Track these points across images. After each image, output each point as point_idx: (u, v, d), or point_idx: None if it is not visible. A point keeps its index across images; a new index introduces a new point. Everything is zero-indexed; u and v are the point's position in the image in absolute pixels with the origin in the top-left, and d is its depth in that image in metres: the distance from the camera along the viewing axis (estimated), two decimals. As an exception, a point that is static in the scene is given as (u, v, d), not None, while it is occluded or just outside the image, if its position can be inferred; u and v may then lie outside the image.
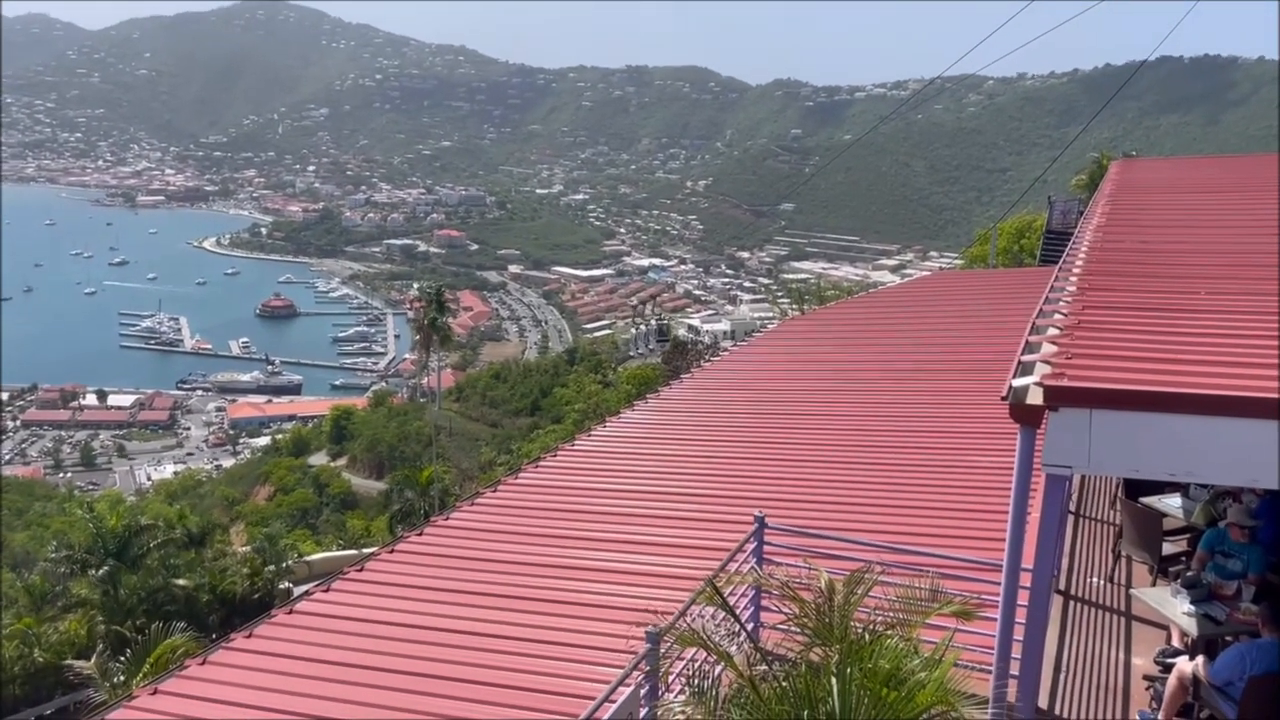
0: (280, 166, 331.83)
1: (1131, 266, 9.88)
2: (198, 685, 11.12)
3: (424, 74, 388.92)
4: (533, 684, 10.18)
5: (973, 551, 9.75)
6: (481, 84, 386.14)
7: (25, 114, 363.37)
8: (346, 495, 77.13)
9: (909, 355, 22.07)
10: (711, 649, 6.50)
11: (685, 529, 13.81)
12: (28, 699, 24.49)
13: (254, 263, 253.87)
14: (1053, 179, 79.49)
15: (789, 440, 17.43)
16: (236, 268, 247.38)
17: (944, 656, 6.19)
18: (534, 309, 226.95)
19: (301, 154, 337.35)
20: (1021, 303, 20.71)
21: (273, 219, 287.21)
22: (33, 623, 25.99)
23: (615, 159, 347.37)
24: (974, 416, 16.82)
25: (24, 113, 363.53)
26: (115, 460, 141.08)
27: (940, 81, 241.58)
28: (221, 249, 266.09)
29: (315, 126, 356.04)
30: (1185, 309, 8.02)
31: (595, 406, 56.46)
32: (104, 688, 17.94)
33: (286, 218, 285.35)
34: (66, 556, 28.57)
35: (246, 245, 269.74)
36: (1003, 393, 6.37)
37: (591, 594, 12.05)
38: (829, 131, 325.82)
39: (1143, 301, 8.36)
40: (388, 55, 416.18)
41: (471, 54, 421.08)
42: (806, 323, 30.68)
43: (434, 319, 52.59)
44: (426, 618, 11.89)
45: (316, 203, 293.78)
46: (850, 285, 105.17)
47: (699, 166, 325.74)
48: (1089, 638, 9.92)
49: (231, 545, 43.96)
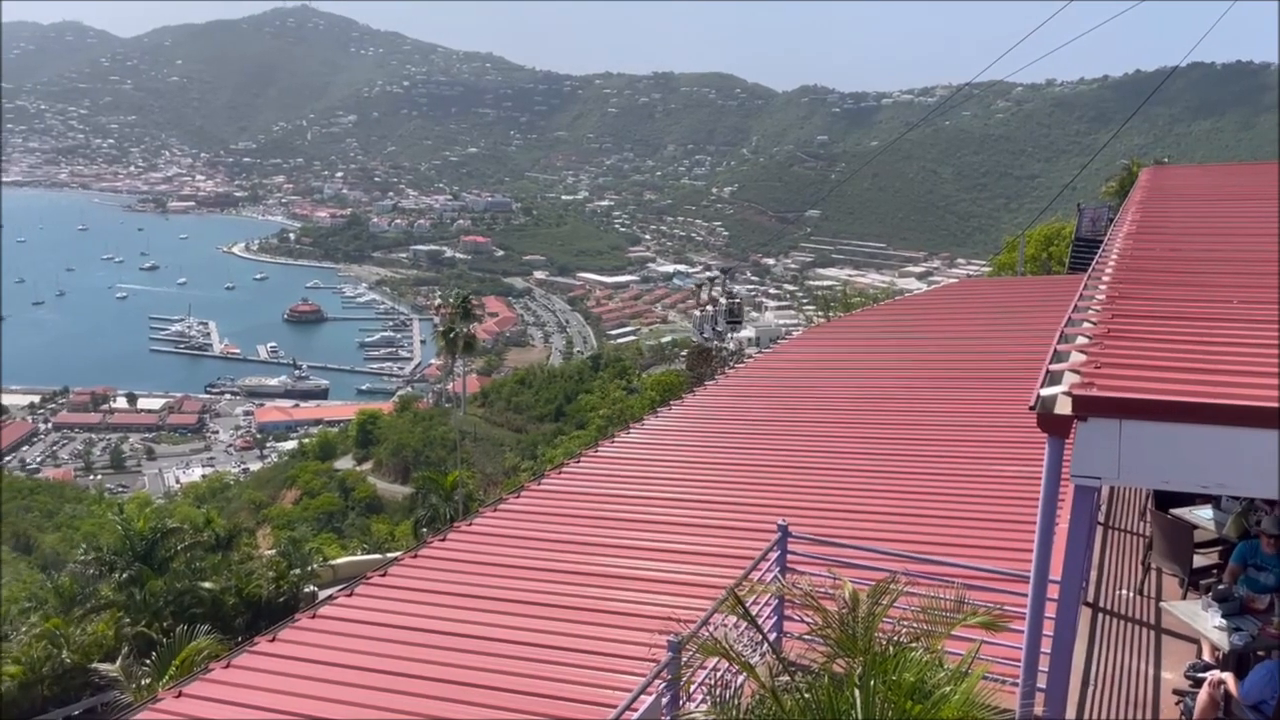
0: (309, 172, 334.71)
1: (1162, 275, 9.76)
2: (222, 688, 11.19)
3: (451, 81, 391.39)
4: (554, 691, 10.16)
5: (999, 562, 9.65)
6: (508, 90, 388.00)
7: (59, 120, 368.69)
8: (371, 499, 77.51)
9: (935, 363, 21.91)
10: (733, 658, 6.44)
11: (707, 536, 13.76)
12: (55, 699, 24.70)
13: (282, 268, 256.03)
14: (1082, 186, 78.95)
15: (813, 448, 17.33)
16: (265, 273, 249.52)
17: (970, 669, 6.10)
18: (559, 315, 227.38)
19: (330, 160, 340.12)
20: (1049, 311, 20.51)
21: (301, 224, 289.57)
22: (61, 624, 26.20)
23: (641, 165, 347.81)
24: (1001, 426, 16.66)
25: (58, 119, 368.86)
26: (144, 463, 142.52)
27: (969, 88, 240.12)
28: (250, 254, 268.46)
29: (344, 133, 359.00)
30: (1217, 318, 7.90)
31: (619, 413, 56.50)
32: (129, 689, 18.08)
33: (314, 223, 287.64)
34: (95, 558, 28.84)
35: (275, 250, 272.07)
36: (1031, 402, 6.29)
37: (613, 601, 12.02)
38: (856, 138, 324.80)
39: (1174, 310, 8.24)
40: (416, 62, 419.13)
41: (499, 61, 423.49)
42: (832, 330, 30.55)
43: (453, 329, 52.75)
44: (449, 623, 11.91)
45: (344, 208, 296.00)
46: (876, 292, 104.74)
47: (724, 173, 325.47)
48: (1118, 651, 9.77)
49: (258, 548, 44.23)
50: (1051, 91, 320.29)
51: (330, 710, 10.32)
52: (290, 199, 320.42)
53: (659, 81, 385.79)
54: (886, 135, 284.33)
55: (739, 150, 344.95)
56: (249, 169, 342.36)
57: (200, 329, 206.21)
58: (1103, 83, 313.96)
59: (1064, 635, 6.81)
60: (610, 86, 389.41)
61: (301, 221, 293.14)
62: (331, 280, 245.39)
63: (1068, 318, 8.11)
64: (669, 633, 7.44)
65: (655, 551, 13.40)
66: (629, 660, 10.35)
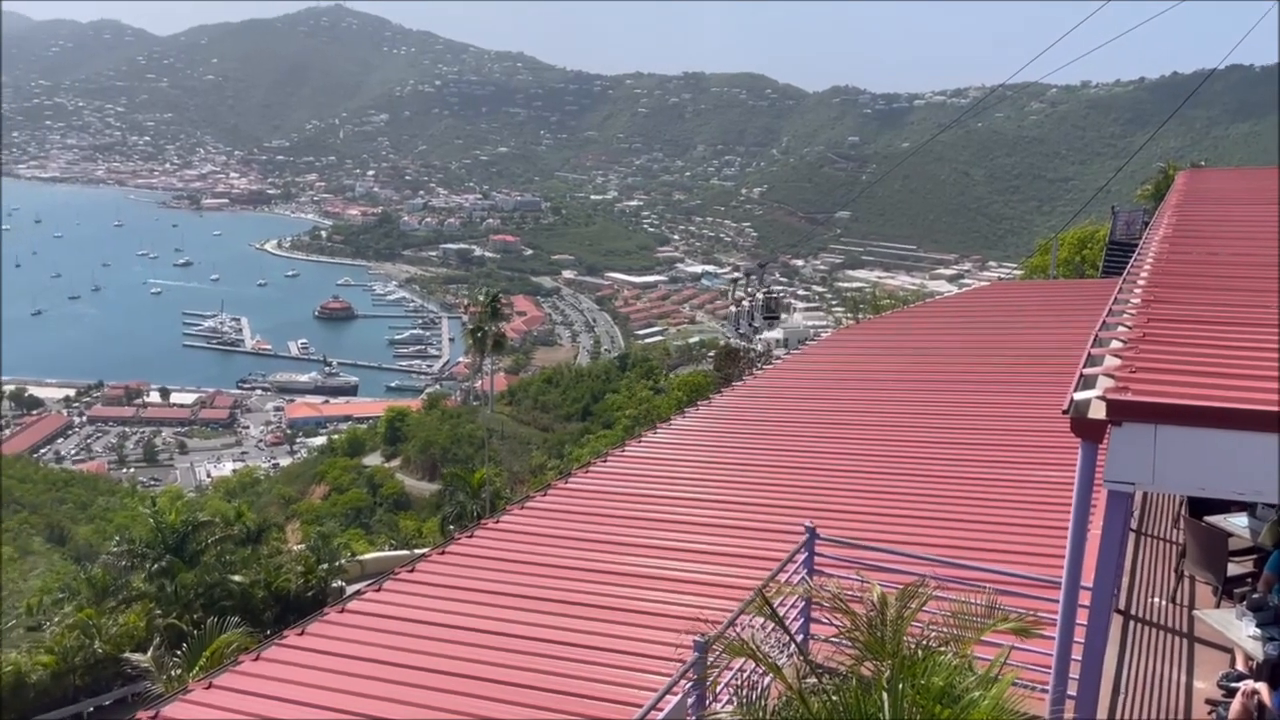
0: (341, 171, 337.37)
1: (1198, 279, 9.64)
2: (251, 680, 11.31)
3: (482, 80, 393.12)
4: (580, 689, 10.18)
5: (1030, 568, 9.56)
6: (539, 90, 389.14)
7: (96, 118, 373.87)
8: (399, 496, 78.03)
9: (966, 366, 21.76)
10: (760, 660, 6.43)
11: (734, 537, 13.74)
12: (88, 689, 25.06)
13: (313, 265, 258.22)
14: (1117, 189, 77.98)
15: (841, 450, 17.26)
16: (296, 270, 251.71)
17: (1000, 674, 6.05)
18: (587, 314, 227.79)
19: (361, 159, 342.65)
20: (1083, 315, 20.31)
21: (332, 222, 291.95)
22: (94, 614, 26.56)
23: (670, 165, 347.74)
24: (1033, 430, 16.53)
25: (95, 116, 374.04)
26: (176, 457, 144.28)
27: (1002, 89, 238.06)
28: (282, 251, 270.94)
29: (375, 131, 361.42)
30: (1254, 323, 7.80)
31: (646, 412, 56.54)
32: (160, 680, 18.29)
33: (346, 221, 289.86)
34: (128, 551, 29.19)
35: (307, 248, 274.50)
36: (1064, 406, 6.23)
37: (639, 600, 12.03)
38: (887, 139, 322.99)
39: (1210, 315, 8.14)
40: (447, 62, 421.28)
41: (530, 60, 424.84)
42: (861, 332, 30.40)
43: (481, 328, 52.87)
44: (475, 619, 11.96)
45: (375, 207, 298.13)
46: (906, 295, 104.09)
47: (754, 173, 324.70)
48: (1150, 659, 9.66)
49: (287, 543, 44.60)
50: (1086, 93, 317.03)
51: (358, 704, 10.40)
52: (322, 197, 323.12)
53: (689, 82, 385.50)
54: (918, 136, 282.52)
55: (769, 151, 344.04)
56: (282, 167, 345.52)
57: (232, 325, 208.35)
58: (1139, 84, 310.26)
59: (1095, 642, 6.73)
60: (641, 86, 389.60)
61: (333, 219, 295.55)
62: (362, 278, 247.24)
63: (1102, 321, 8.02)
64: (695, 633, 7.44)
65: (681, 552, 13.40)
66: (654, 660, 10.35)
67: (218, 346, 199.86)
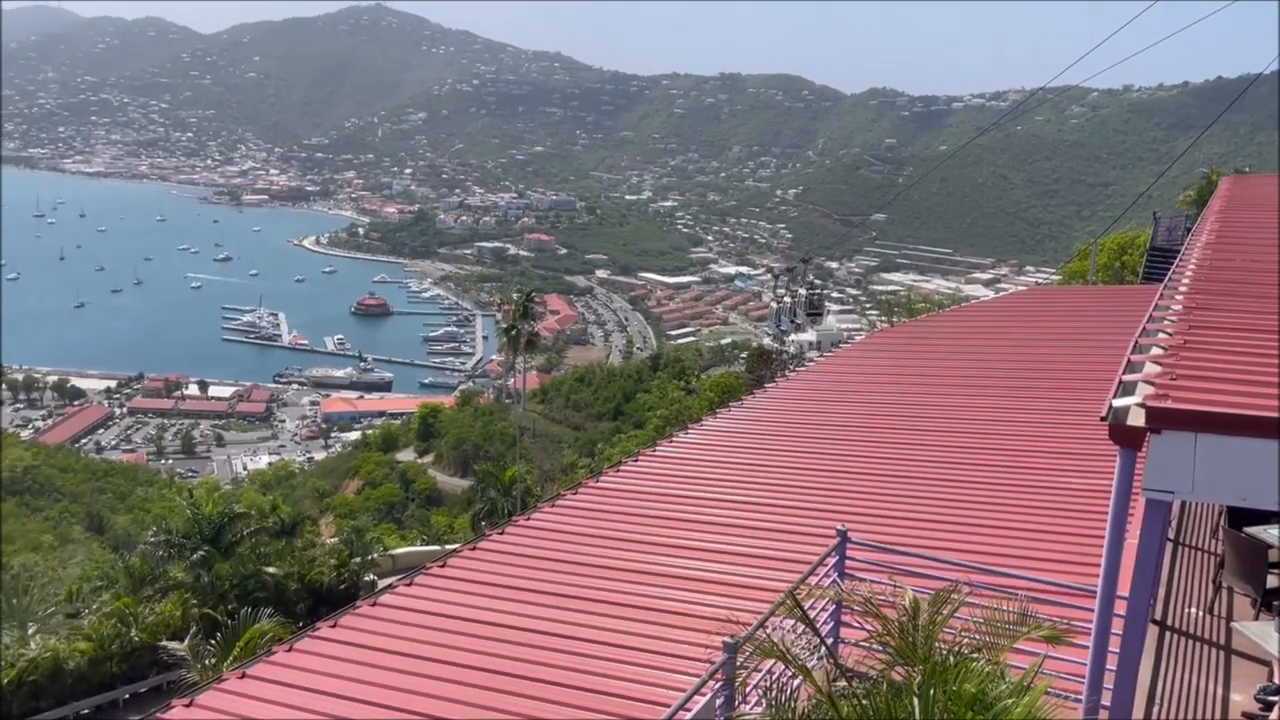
0: (379, 169, 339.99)
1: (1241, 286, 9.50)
2: (284, 671, 11.45)
3: (520, 80, 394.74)
4: (608, 688, 10.21)
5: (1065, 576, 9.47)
6: (575, 90, 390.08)
7: (140, 114, 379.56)
8: (431, 491, 78.51)
9: (1002, 371, 21.56)
10: (790, 662, 6.41)
11: (764, 539, 13.71)
12: (124, 676, 25.41)
13: (351, 262, 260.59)
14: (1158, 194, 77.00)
15: (874, 454, 17.18)
16: (334, 266, 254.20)
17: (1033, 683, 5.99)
18: (619, 314, 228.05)
19: (399, 157, 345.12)
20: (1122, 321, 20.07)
21: (370, 220, 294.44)
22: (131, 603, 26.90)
23: (705, 166, 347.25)
24: (1069, 437, 16.35)
25: (139, 112, 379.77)
26: (214, 449, 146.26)
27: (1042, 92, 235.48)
28: (320, 248, 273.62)
29: (413, 130, 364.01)
30: (1298, 331, 7.66)
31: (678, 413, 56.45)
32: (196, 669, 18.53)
33: (383, 219, 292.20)
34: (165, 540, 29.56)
35: (344, 245, 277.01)
36: (1102, 413, 6.16)
37: (668, 600, 12.04)
38: (925, 141, 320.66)
39: (1252, 323, 8.01)
40: (485, 61, 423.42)
41: (567, 60, 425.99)
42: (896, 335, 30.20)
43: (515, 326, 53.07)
44: (505, 616, 12.03)
45: (412, 204, 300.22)
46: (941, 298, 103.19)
47: (790, 175, 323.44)
48: (1185, 671, 9.53)
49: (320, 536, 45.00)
50: (1129, 97, 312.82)
51: (389, 697, 10.50)
52: (360, 194, 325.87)
53: (726, 82, 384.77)
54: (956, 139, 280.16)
55: (805, 152, 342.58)
56: (321, 164, 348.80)
57: (270, 320, 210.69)
58: (1183, 89, 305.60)
59: (1130, 652, 6.65)
60: (677, 87, 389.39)
61: (370, 216, 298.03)
62: (398, 275, 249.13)
63: (1142, 328, 7.93)
64: (725, 634, 7.43)
65: (711, 552, 13.40)
66: (683, 660, 10.36)
67: (255, 341, 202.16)
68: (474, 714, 9.99)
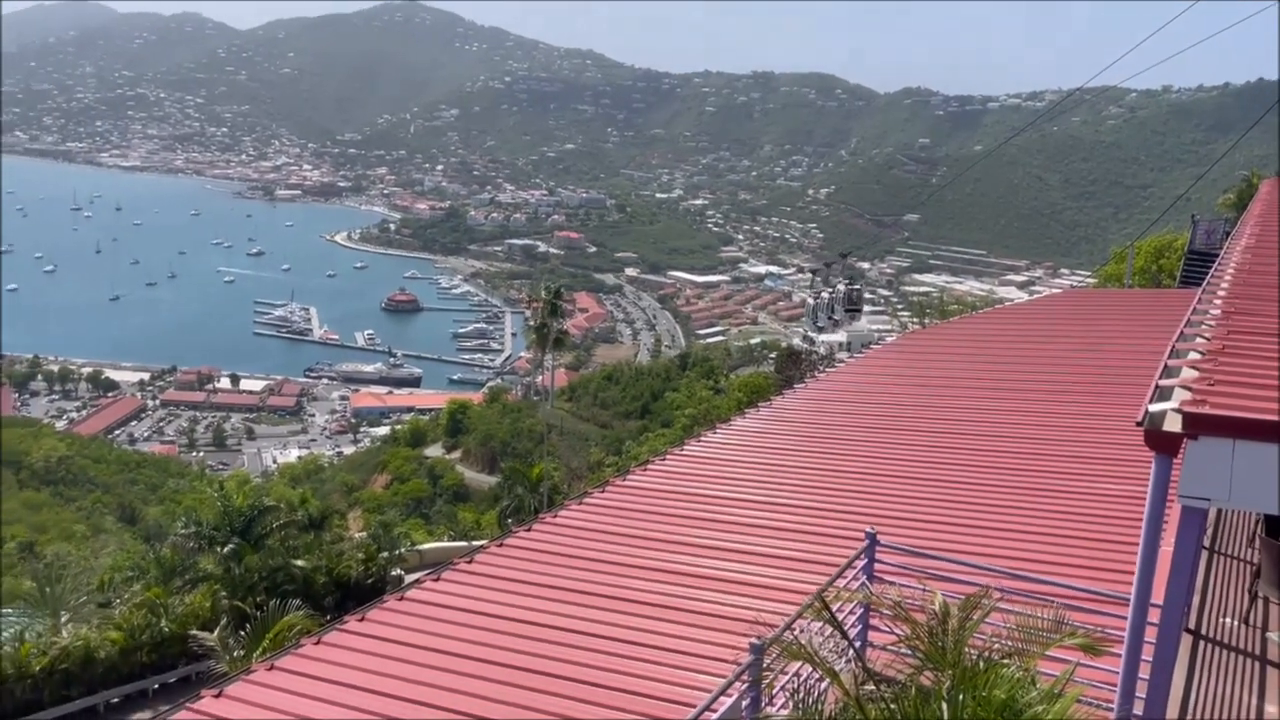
0: (410, 165, 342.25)
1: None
2: (312, 664, 11.52)
3: (551, 77, 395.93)
4: (633, 686, 10.20)
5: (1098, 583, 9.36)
6: (607, 88, 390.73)
7: (176, 109, 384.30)
8: (459, 487, 78.90)
9: (1035, 374, 21.33)
10: (818, 664, 6.36)
11: (792, 541, 13.65)
12: (154, 666, 25.69)
13: (382, 258, 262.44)
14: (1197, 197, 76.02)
15: (903, 457, 17.05)
16: (365, 262, 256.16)
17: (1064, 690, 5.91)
18: (648, 312, 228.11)
19: (431, 153, 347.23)
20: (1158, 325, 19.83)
21: (401, 216, 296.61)
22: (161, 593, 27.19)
23: (736, 165, 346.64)
24: (1103, 442, 16.15)
25: (175, 107, 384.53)
26: (244, 442, 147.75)
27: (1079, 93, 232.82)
28: (352, 243, 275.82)
29: (445, 127, 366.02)
30: (1342, 338, 7.51)
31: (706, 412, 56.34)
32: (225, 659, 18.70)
33: (414, 215, 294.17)
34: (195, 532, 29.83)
35: (375, 240, 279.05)
36: (1138, 418, 6.07)
37: (695, 600, 12.01)
38: (959, 141, 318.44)
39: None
40: (518, 58, 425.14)
41: (599, 58, 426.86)
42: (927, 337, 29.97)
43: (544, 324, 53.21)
44: (531, 613, 12.05)
45: (443, 201, 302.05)
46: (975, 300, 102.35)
47: (822, 174, 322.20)
48: (1219, 681, 9.37)
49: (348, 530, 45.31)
50: (1168, 98, 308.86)
51: (415, 692, 10.54)
52: (392, 190, 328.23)
53: (758, 81, 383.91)
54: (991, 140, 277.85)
55: (837, 152, 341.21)
56: (353, 160, 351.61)
57: (302, 314, 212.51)
58: (1223, 90, 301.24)
59: (1163, 661, 6.55)
60: (709, 85, 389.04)
61: (402, 213, 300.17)
62: (428, 271, 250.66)
63: (1180, 332, 7.80)
64: (752, 635, 7.40)
65: (738, 553, 13.35)
66: (709, 660, 10.34)
67: (287, 335, 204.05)
68: (500, 710, 10.01)
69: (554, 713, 9.93)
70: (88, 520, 68.99)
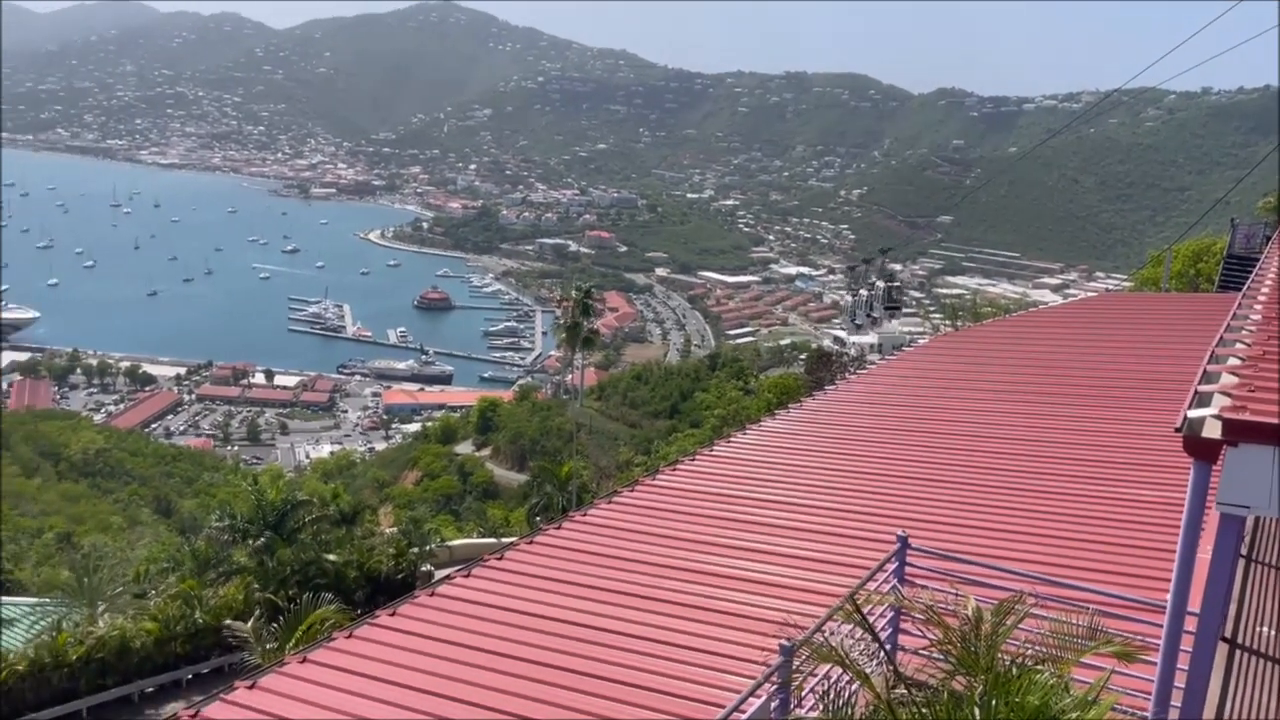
0: (444, 164, 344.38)
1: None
2: (344, 657, 11.63)
3: (584, 77, 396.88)
4: (662, 686, 10.21)
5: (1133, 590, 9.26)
6: (640, 88, 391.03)
7: (214, 107, 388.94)
8: (488, 485, 79.23)
9: (1070, 378, 21.10)
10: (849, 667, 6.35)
11: (821, 543, 13.61)
12: (188, 657, 26.04)
13: (414, 256, 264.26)
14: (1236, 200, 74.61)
15: (935, 460, 16.93)
16: (398, 260, 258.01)
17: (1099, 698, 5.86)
18: (678, 312, 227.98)
19: (464, 152, 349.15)
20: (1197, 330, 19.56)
21: (434, 214, 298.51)
22: (196, 585, 27.56)
23: (768, 165, 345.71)
24: (1140, 447, 15.97)
25: (213, 106, 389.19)
26: (278, 437, 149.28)
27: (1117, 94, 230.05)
28: (385, 241, 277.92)
29: (478, 126, 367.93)
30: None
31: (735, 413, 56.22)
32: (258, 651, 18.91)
33: (447, 214, 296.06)
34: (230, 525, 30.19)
35: (408, 239, 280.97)
36: (1177, 424, 6.01)
37: (724, 601, 12.01)
38: (994, 143, 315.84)
39: (1337, 334, 7.74)
40: (551, 58, 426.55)
41: (631, 58, 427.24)
42: (960, 339, 29.71)
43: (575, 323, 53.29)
44: (561, 610, 12.10)
45: (476, 200, 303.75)
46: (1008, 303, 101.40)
47: (854, 175, 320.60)
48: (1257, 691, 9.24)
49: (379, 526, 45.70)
50: (1207, 100, 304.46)
51: (446, 687, 10.62)
52: (425, 189, 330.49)
53: (791, 81, 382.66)
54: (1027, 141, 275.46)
55: (870, 153, 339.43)
56: (387, 159, 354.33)
57: (335, 311, 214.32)
58: (1264, 92, 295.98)
59: (1199, 670, 6.47)
60: (742, 85, 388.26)
61: (434, 211, 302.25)
62: (460, 269, 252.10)
63: (1219, 337, 7.70)
64: (781, 636, 7.38)
65: (767, 554, 13.33)
66: (738, 661, 10.33)
67: (320, 332, 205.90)
68: (530, 706, 10.07)
69: (583, 710, 9.96)
70: (124, 512, 70.00)
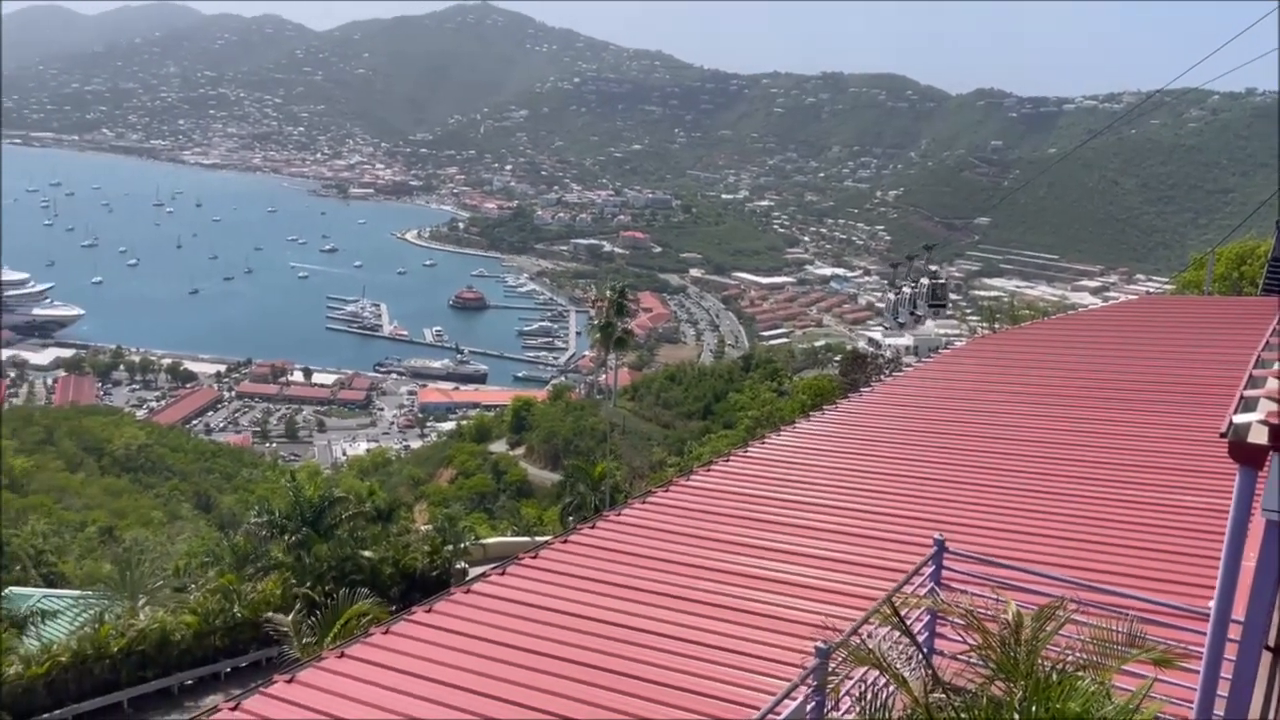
0: (480, 165, 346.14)
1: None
2: (380, 653, 11.76)
3: (620, 78, 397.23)
4: (697, 686, 10.22)
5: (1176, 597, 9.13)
6: (675, 89, 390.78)
7: (255, 108, 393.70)
8: (522, 483, 79.54)
9: (1110, 382, 20.83)
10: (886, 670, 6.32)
11: (857, 545, 13.55)
12: (226, 650, 26.40)
13: (450, 256, 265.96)
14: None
15: (972, 463, 16.79)
16: (434, 260, 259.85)
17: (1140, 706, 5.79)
18: (712, 313, 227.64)
19: (500, 153, 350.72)
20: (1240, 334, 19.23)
21: (470, 214, 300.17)
22: (234, 579, 27.93)
23: (804, 166, 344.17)
24: (1184, 453, 15.74)
25: (254, 107, 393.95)
26: (315, 434, 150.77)
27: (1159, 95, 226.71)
28: (422, 241, 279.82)
29: (515, 127, 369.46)
30: None
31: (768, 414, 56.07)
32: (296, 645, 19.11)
33: (483, 214, 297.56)
34: (268, 521, 30.57)
35: (444, 239, 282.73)
36: (1222, 429, 5.92)
37: (759, 602, 11.99)
38: (1033, 144, 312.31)
39: (1390, 340, 7.59)
40: (587, 59, 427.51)
41: (667, 59, 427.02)
42: (997, 342, 29.42)
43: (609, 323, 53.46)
44: (595, 609, 12.13)
45: (511, 201, 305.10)
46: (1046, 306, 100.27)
47: (890, 176, 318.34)
48: (1302, 702, 9.09)
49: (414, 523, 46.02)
50: (1252, 101, 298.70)
51: (481, 684, 10.69)
52: (461, 190, 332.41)
53: (827, 81, 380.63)
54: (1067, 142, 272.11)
55: (907, 153, 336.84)
56: (425, 159, 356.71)
57: (372, 310, 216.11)
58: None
59: (1243, 679, 6.38)
60: (777, 86, 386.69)
61: (470, 211, 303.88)
62: (495, 269, 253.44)
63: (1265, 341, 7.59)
64: (817, 638, 7.36)
65: (802, 556, 13.29)
66: (774, 663, 10.31)
67: (358, 330, 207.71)
68: (564, 704, 10.11)
69: (618, 709, 9.99)
70: (165, 507, 71.08)
